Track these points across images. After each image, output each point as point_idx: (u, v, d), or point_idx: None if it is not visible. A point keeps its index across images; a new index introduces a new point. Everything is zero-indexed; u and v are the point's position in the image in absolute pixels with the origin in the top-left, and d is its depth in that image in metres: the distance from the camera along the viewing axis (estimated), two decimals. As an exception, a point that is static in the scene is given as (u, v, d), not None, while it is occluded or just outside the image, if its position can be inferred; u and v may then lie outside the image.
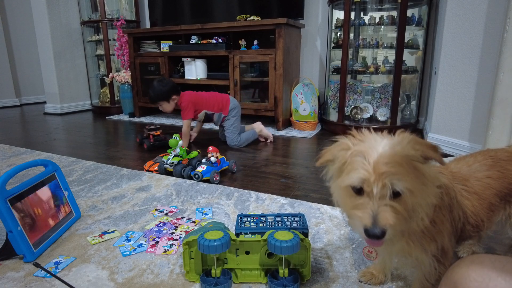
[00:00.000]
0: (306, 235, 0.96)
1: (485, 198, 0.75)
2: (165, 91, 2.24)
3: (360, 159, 0.59)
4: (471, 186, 0.74)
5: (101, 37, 3.76)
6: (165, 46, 3.26)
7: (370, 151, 0.59)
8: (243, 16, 2.97)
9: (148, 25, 3.99)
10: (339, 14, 2.69)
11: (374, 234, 0.57)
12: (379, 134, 0.65)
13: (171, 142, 1.82)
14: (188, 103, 2.26)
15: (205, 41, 3.05)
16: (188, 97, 2.27)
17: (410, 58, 2.69)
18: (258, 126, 2.45)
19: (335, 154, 0.64)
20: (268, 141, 2.45)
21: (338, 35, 2.74)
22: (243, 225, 0.99)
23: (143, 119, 3.38)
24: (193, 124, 2.47)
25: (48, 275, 0.92)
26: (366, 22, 2.61)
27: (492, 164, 0.79)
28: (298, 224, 0.99)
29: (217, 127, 2.93)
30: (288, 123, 2.96)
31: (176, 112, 3.76)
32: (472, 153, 0.85)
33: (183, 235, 1.13)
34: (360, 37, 2.68)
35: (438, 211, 0.67)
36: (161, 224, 1.20)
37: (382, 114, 2.63)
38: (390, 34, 2.64)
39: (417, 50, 2.66)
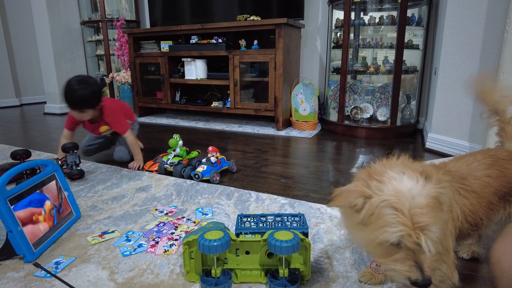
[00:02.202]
0: (306, 235, 0.96)
1: (483, 197, 0.75)
2: (95, 92, 1.74)
3: (392, 211, 0.56)
4: (469, 185, 0.74)
5: (101, 37, 3.76)
6: (165, 46, 3.26)
7: (399, 201, 0.56)
8: (243, 16, 2.97)
9: (148, 25, 3.99)
10: (339, 14, 2.69)
11: (425, 285, 0.56)
12: (393, 166, 0.61)
13: (171, 142, 1.82)
14: (118, 112, 1.89)
15: (205, 41, 3.05)
16: (110, 104, 1.87)
17: (410, 58, 2.69)
18: None
19: (351, 201, 0.61)
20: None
21: (338, 35, 2.74)
22: (243, 225, 0.99)
23: (143, 119, 3.38)
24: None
25: (48, 275, 0.92)
26: (366, 22, 2.61)
27: (492, 163, 0.79)
28: (298, 224, 0.99)
29: (216, 127, 2.94)
30: (288, 123, 2.96)
31: (176, 112, 3.77)
32: (471, 152, 0.85)
33: (183, 235, 1.13)
34: (360, 37, 2.68)
35: None
36: (161, 224, 1.20)
37: (382, 114, 2.63)
38: (390, 34, 2.64)
39: (417, 50, 2.66)
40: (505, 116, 0.88)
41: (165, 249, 1.04)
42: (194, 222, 1.22)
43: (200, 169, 1.63)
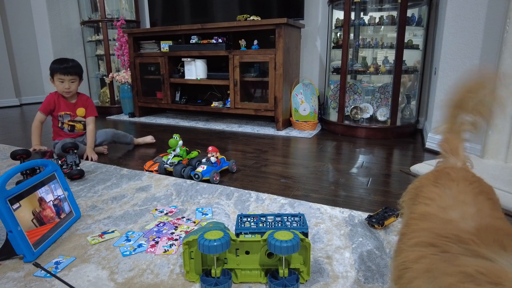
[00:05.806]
0: (306, 235, 0.96)
1: None
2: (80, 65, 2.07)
3: None
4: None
5: (101, 37, 3.76)
6: (165, 46, 3.26)
7: None
8: (243, 16, 2.97)
9: (148, 25, 3.99)
10: (339, 14, 2.69)
11: None
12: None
13: (171, 142, 1.82)
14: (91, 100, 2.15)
15: (205, 41, 3.05)
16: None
17: (409, 58, 2.69)
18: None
19: None
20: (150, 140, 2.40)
21: (338, 35, 2.74)
22: (243, 225, 0.99)
23: (143, 119, 3.38)
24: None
25: (48, 275, 0.92)
26: (366, 22, 2.61)
27: (480, 191, 0.59)
28: (298, 224, 0.99)
29: (216, 127, 2.94)
30: (288, 123, 2.96)
31: (176, 112, 3.77)
32: (442, 182, 0.62)
33: (183, 235, 1.13)
34: (360, 37, 2.68)
35: None
36: (161, 224, 1.20)
37: (382, 114, 2.63)
38: (390, 34, 2.64)
39: (417, 50, 2.66)
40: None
41: (165, 249, 1.04)
42: (194, 222, 1.22)
43: (200, 169, 1.63)
